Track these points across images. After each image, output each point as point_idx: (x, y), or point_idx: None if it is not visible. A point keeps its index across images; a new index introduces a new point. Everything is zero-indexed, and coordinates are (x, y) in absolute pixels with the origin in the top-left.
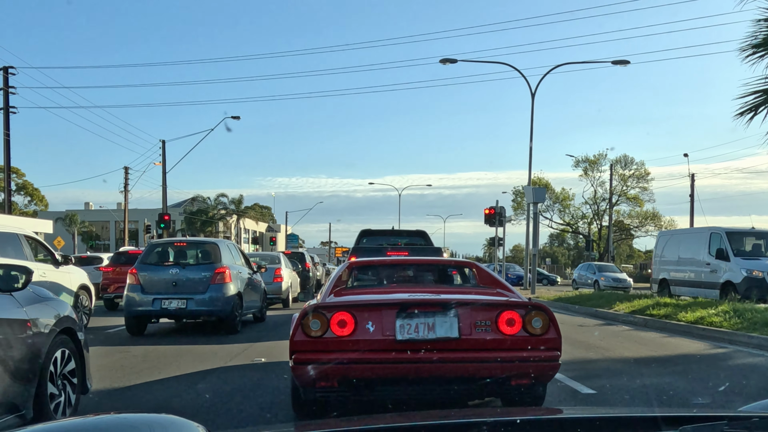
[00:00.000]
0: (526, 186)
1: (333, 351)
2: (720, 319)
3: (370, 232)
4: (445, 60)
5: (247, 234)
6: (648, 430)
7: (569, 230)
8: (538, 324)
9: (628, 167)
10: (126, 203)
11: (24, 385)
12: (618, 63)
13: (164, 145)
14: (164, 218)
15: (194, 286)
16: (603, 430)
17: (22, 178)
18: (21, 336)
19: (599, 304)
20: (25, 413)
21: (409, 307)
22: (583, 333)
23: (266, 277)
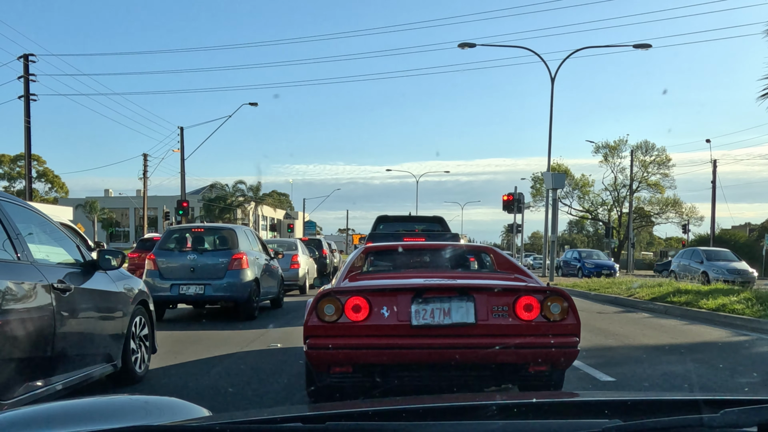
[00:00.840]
0: (545, 172)
1: (347, 336)
2: (742, 306)
3: (387, 219)
4: (463, 44)
5: (264, 221)
6: (688, 412)
7: (588, 217)
8: (557, 309)
9: (648, 153)
10: (145, 190)
11: (116, 342)
12: (639, 47)
13: (182, 132)
14: (183, 205)
15: (212, 271)
16: (644, 413)
17: (42, 165)
18: (114, 304)
19: (618, 291)
20: (116, 363)
21: (424, 292)
22: (602, 320)
23: (283, 264)
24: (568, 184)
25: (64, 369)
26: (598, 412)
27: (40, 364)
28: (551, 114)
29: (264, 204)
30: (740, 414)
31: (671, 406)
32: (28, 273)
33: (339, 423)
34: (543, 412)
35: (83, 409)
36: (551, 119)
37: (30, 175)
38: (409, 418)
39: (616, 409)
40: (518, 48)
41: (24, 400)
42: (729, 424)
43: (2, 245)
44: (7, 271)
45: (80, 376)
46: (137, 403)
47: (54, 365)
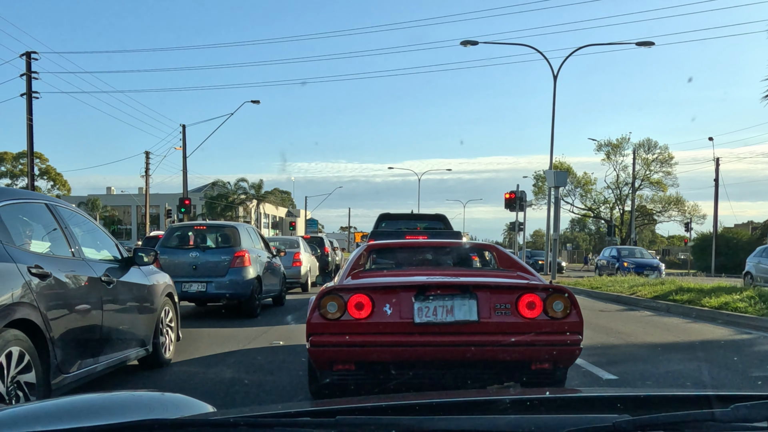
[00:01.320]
0: (548, 170)
1: (350, 333)
2: (745, 304)
3: (389, 216)
4: (466, 42)
5: (266, 219)
6: (699, 408)
7: (591, 215)
8: (560, 307)
9: (651, 151)
10: (147, 188)
11: (149, 329)
12: (642, 44)
13: (184, 130)
14: (185, 203)
15: (214, 269)
16: (654, 408)
17: (45, 163)
18: (147, 296)
19: (620, 290)
20: (148, 347)
21: (427, 289)
22: (605, 318)
23: (285, 261)
24: (570, 182)
25: (109, 350)
26: (609, 407)
27: (91, 346)
28: (554, 112)
29: (266, 202)
30: (751, 409)
31: (681, 402)
32: (82, 268)
33: (349, 417)
34: (554, 407)
35: (87, 404)
36: (553, 117)
37: (32, 173)
38: (420, 412)
39: (626, 404)
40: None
41: (78, 374)
42: (740, 418)
43: (60, 244)
44: (66, 266)
45: (120, 358)
46: (142, 399)
47: (101, 347)
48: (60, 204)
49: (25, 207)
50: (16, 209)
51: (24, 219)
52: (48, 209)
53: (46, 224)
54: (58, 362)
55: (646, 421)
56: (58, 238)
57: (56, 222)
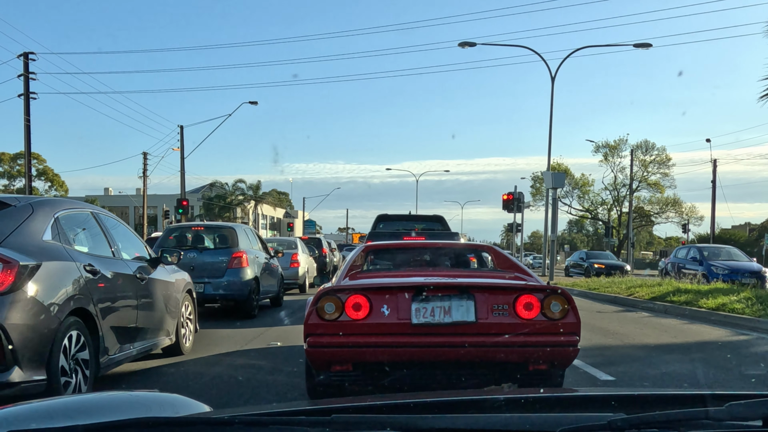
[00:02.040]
0: (545, 171)
1: (348, 334)
2: (742, 305)
3: (387, 217)
4: (464, 43)
5: (264, 220)
6: (694, 406)
7: (588, 217)
8: (557, 308)
9: (648, 153)
10: (145, 189)
11: (173, 320)
12: (640, 46)
13: (182, 131)
14: (183, 204)
15: (211, 270)
16: (649, 407)
17: (42, 163)
18: (171, 291)
19: (618, 291)
20: (172, 337)
21: (424, 290)
22: (602, 319)
23: (283, 262)
24: (568, 183)
25: (142, 338)
26: (604, 406)
27: (129, 333)
28: (551, 113)
29: (264, 203)
30: (746, 407)
31: (676, 400)
32: (121, 266)
33: (344, 415)
34: (549, 406)
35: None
36: (551, 118)
37: (30, 174)
38: (415, 410)
39: (621, 402)
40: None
41: (119, 356)
42: (734, 417)
43: (103, 246)
44: (108, 265)
45: (150, 345)
46: (139, 398)
47: (136, 334)
48: (100, 211)
49: (76, 215)
50: (71, 217)
51: (75, 225)
52: (92, 216)
53: (91, 229)
54: (104, 345)
55: (641, 419)
56: (101, 241)
57: (99, 227)
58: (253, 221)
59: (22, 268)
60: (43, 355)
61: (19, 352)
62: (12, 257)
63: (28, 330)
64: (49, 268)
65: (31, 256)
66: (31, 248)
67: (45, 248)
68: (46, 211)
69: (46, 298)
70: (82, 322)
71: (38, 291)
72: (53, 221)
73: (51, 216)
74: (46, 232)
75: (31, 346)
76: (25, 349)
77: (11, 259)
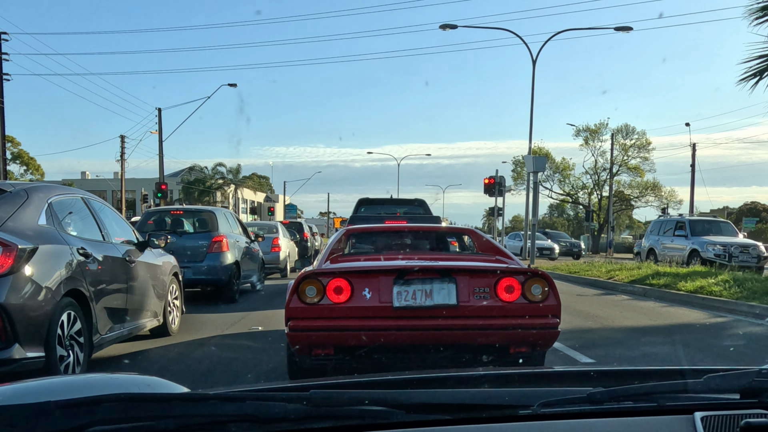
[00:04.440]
0: (526, 155)
1: (329, 318)
2: (720, 288)
3: (369, 201)
4: (445, 26)
5: (245, 204)
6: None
7: (569, 200)
8: (538, 291)
9: (629, 137)
10: (123, 172)
11: (160, 302)
12: (620, 29)
13: (160, 114)
14: (161, 188)
15: (191, 254)
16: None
17: (17, 147)
18: (159, 274)
19: (598, 274)
20: (159, 318)
21: (406, 273)
22: (582, 302)
23: (264, 247)
24: (549, 167)
25: (132, 318)
26: (584, 381)
27: (119, 314)
28: (532, 97)
29: (244, 187)
30: (723, 379)
31: (656, 375)
32: (111, 250)
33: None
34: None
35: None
36: (532, 102)
37: (4, 157)
38: (395, 387)
39: (601, 377)
40: (500, 30)
41: (111, 336)
42: (712, 389)
43: (94, 230)
44: (99, 248)
45: (139, 325)
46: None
47: (126, 315)
48: (90, 196)
49: (68, 200)
50: (63, 202)
51: (67, 210)
52: (83, 201)
53: (82, 214)
54: (97, 325)
55: (620, 391)
56: (91, 225)
57: (89, 211)
58: (233, 205)
59: (21, 251)
60: (41, 334)
61: (19, 331)
62: (11, 241)
63: (27, 309)
64: (44, 251)
65: (28, 240)
66: (27, 232)
67: (40, 232)
68: (40, 196)
69: (43, 280)
70: (76, 303)
71: (35, 273)
72: (47, 206)
73: (45, 201)
74: (41, 217)
75: (30, 325)
76: (24, 328)
77: (10, 243)
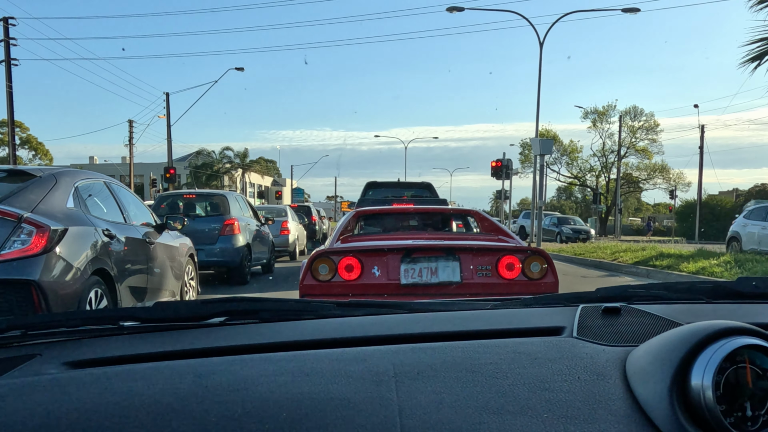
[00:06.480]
0: (533, 138)
1: (340, 294)
2: (721, 269)
3: (376, 185)
4: (452, 8)
5: (252, 188)
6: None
7: (577, 183)
8: (537, 268)
9: (637, 119)
10: (131, 157)
11: (177, 282)
12: (628, 11)
13: (168, 98)
14: (170, 172)
15: (204, 237)
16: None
17: (26, 132)
18: (176, 255)
19: (602, 256)
20: (176, 297)
21: (413, 252)
22: (586, 283)
23: (273, 230)
24: (556, 150)
25: (151, 297)
26: None
27: (140, 292)
28: (539, 79)
29: (251, 171)
30: (607, 291)
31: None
32: (132, 231)
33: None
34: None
35: None
36: (539, 84)
37: (13, 142)
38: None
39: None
40: (507, 12)
41: None
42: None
43: (116, 213)
44: (122, 230)
45: None
46: None
47: (145, 294)
48: (112, 181)
49: (92, 184)
50: (88, 186)
51: (92, 193)
52: (105, 185)
53: (105, 197)
54: (121, 302)
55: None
56: (114, 208)
57: (111, 195)
58: (240, 189)
59: (53, 232)
60: (72, 310)
61: (52, 306)
62: (44, 222)
63: (59, 287)
64: (73, 232)
65: (59, 222)
66: (58, 214)
67: (69, 214)
68: (67, 180)
69: (72, 259)
70: (102, 281)
71: (66, 253)
72: (74, 190)
73: (72, 185)
74: (69, 200)
75: (62, 302)
76: (56, 304)
77: (43, 224)
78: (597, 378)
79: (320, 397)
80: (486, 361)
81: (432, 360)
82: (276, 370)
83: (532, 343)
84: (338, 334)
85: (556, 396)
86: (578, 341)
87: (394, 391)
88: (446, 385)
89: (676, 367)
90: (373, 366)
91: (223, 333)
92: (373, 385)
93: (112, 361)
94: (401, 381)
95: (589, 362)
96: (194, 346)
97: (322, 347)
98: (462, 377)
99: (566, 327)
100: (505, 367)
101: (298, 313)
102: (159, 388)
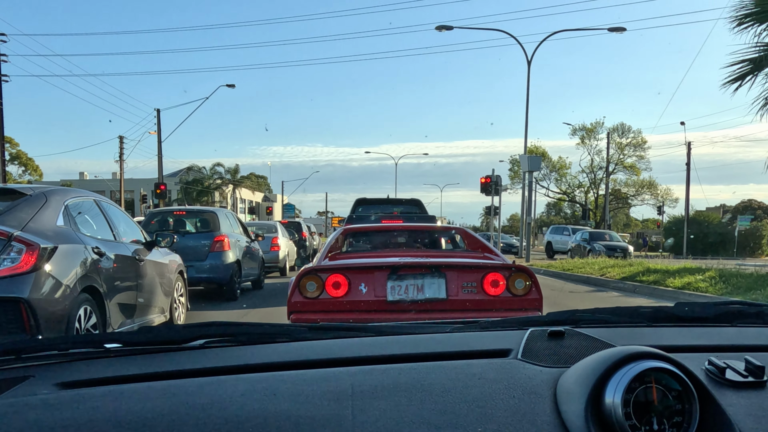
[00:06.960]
0: (522, 154)
1: (328, 311)
2: (706, 284)
3: (366, 201)
4: (441, 27)
5: (243, 204)
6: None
7: (566, 199)
8: (521, 285)
9: (625, 135)
10: (121, 173)
11: (167, 299)
12: (614, 30)
13: (159, 114)
14: (160, 188)
15: (194, 254)
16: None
17: (15, 147)
18: (165, 272)
19: (590, 271)
20: (167, 314)
21: (399, 269)
22: (573, 299)
23: (263, 246)
24: (545, 166)
25: (140, 314)
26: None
27: (129, 309)
28: (527, 97)
29: (242, 187)
30: (557, 315)
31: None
32: (121, 249)
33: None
34: None
35: None
36: (527, 102)
37: (3, 158)
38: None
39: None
40: (496, 31)
41: (121, 331)
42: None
43: (106, 230)
44: (111, 247)
45: (148, 320)
46: None
47: (135, 311)
48: (102, 199)
49: (82, 202)
50: (78, 204)
51: (82, 211)
52: (95, 203)
53: (95, 215)
54: (110, 320)
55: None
56: (103, 226)
57: (101, 213)
58: (231, 205)
59: (42, 250)
60: (61, 327)
61: (42, 324)
62: (34, 240)
63: (49, 304)
64: (63, 250)
65: (49, 240)
66: (48, 233)
67: (59, 232)
68: (57, 199)
69: (62, 277)
70: (91, 299)
71: (55, 270)
72: (64, 208)
73: (62, 203)
74: (59, 218)
75: (51, 319)
76: (46, 321)
77: (33, 242)
78: (530, 397)
79: (285, 416)
80: (436, 381)
81: (387, 381)
82: (247, 390)
83: (480, 364)
84: (306, 356)
85: (491, 412)
86: (521, 363)
87: (350, 408)
88: (397, 403)
89: (592, 386)
90: (334, 386)
91: (201, 355)
92: (333, 403)
93: (99, 381)
94: (357, 400)
95: (526, 382)
96: (175, 368)
97: (291, 368)
98: (412, 396)
99: (513, 349)
100: (451, 387)
101: (273, 336)
102: (142, 407)
